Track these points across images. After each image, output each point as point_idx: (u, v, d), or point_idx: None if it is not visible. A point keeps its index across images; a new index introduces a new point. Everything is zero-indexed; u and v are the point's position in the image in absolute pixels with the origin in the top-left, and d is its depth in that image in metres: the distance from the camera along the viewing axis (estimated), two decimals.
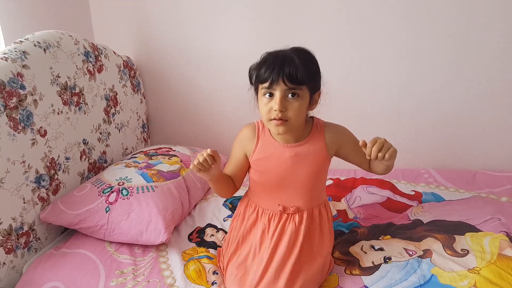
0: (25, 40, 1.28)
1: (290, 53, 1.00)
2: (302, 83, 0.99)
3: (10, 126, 1.17)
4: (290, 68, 0.97)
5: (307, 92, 1.01)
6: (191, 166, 1.02)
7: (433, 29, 1.56)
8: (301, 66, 0.97)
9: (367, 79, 1.68)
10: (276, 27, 1.68)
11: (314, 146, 1.10)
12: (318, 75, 1.04)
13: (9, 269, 1.18)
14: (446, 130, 1.67)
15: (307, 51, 1.04)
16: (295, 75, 0.97)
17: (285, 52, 1.01)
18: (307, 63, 1.00)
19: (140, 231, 1.22)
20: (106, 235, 1.25)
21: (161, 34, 1.82)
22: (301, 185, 1.12)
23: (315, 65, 1.03)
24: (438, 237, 1.22)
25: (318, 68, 1.04)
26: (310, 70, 1.00)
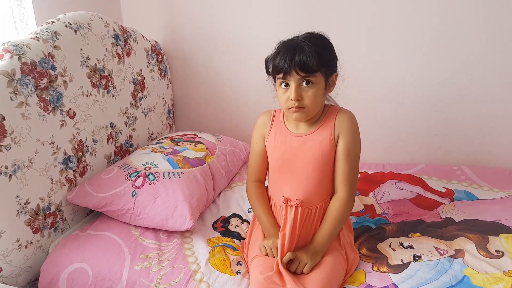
0: (56, 21, 1.28)
1: (301, 41, 1.01)
2: (315, 71, 1.00)
3: (40, 107, 1.18)
4: (301, 57, 0.99)
5: (321, 78, 1.03)
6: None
7: (472, 20, 1.49)
8: (312, 54, 0.99)
9: (402, 71, 1.62)
10: (305, 14, 1.64)
11: (322, 133, 1.09)
12: (332, 59, 1.05)
13: (36, 248, 1.20)
14: (482, 126, 1.61)
15: (320, 36, 1.04)
16: (305, 64, 0.99)
17: (297, 41, 1.02)
18: (318, 49, 1.00)
19: (166, 217, 1.22)
20: (132, 219, 1.25)
21: (190, 19, 1.80)
22: (305, 177, 1.09)
23: (327, 49, 1.04)
24: (470, 237, 1.18)
25: (331, 52, 1.05)
26: (321, 56, 1.01)
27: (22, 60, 1.13)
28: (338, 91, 1.81)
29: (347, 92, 1.72)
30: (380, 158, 1.73)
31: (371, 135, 1.73)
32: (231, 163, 1.54)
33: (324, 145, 1.08)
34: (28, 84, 1.14)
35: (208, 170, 1.41)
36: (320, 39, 1.04)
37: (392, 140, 1.72)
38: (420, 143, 1.69)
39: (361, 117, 1.72)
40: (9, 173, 1.10)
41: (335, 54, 1.06)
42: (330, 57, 1.05)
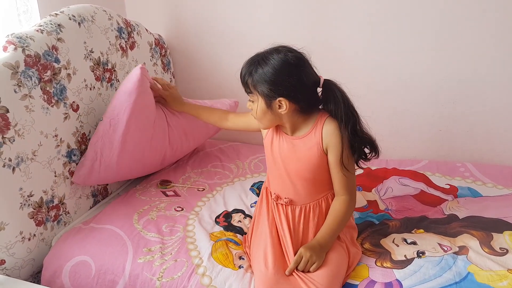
0: (60, 13, 1.28)
1: (255, 60, 1.03)
2: (250, 91, 1.05)
3: (44, 99, 1.18)
4: (244, 75, 1.04)
5: (261, 99, 1.04)
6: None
7: (477, 16, 1.48)
8: (248, 74, 1.03)
9: (406, 67, 1.61)
10: (310, 8, 1.63)
11: (310, 141, 1.08)
12: (271, 85, 1.00)
13: (39, 241, 1.20)
14: (486, 123, 1.60)
15: (270, 57, 1.01)
16: (244, 82, 1.05)
17: (256, 57, 1.04)
18: (259, 70, 1.01)
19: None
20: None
21: (194, 13, 1.79)
22: (293, 178, 1.10)
23: (274, 74, 1.00)
24: (474, 233, 1.17)
25: (272, 76, 1.00)
26: (257, 79, 1.02)
27: (26, 53, 1.13)
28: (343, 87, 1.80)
29: (350, 88, 1.72)
30: (383, 154, 1.70)
31: (374, 130, 1.71)
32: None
33: (312, 152, 1.07)
34: (32, 77, 1.14)
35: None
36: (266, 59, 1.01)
37: (395, 136, 1.71)
38: (423, 139, 1.68)
39: (365, 112, 1.72)
40: (13, 166, 1.10)
41: (282, 81, 1.00)
42: (272, 82, 1.00)
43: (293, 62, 1.00)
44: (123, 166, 1.34)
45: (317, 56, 1.71)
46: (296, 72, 1.00)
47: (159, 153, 1.44)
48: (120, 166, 1.32)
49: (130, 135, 1.29)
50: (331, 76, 1.79)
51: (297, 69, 1.01)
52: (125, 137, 1.28)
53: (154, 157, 1.43)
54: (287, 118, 1.06)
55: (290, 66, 1.00)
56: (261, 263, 1.04)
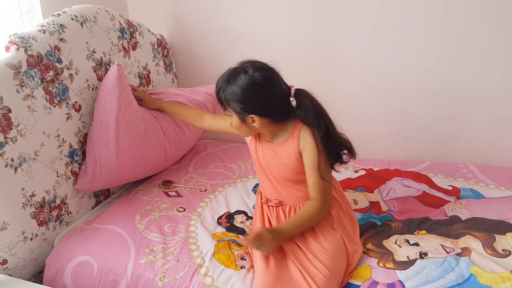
0: (62, 14, 1.28)
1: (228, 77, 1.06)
2: (224, 108, 1.10)
3: (46, 99, 1.18)
4: (218, 92, 1.08)
5: (234, 114, 1.08)
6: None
7: (480, 17, 1.47)
8: (224, 92, 1.06)
9: (408, 68, 1.61)
10: (312, 8, 1.63)
11: (288, 147, 1.11)
12: (242, 104, 1.05)
13: (41, 241, 1.20)
14: (489, 124, 1.59)
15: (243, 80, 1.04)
16: (218, 98, 1.10)
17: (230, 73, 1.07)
18: (234, 91, 1.04)
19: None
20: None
21: (196, 13, 1.79)
22: (278, 182, 1.14)
23: (243, 94, 1.04)
24: (477, 235, 1.17)
25: (246, 97, 1.04)
26: (229, 99, 1.06)
27: (29, 53, 1.13)
28: (344, 87, 1.81)
29: (352, 89, 1.73)
30: (386, 155, 1.72)
31: (377, 131, 1.72)
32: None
33: (291, 158, 1.10)
34: (34, 77, 1.14)
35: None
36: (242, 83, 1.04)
37: (397, 137, 1.71)
38: (426, 140, 1.68)
39: (367, 113, 1.73)
40: (15, 166, 1.10)
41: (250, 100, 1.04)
42: (241, 102, 1.05)
43: (260, 82, 1.04)
44: (124, 167, 1.34)
45: (318, 56, 1.72)
46: (263, 91, 1.05)
47: (158, 149, 1.44)
48: (121, 167, 1.32)
49: (122, 132, 1.29)
50: (333, 76, 1.80)
51: (264, 88, 1.05)
52: (118, 136, 1.28)
53: (154, 153, 1.43)
54: (263, 129, 1.10)
55: (257, 86, 1.04)
56: (262, 261, 1.04)
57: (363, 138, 1.74)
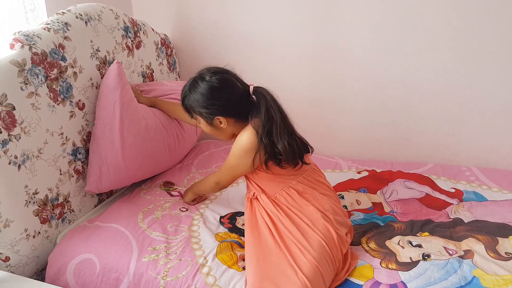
0: (67, 12, 1.28)
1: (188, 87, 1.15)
2: (191, 115, 1.18)
3: (50, 97, 1.18)
4: (182, 100, 1.17)
5: (201, 119, 1.17)
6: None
7: (483, 19, 1.47)
8: (188, 101, 1.15)
9: (412, 70, 1.61)
10: (316, 10, 1.63)
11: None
12: (205, 109, 1.13)
13: (43, 238, 1.20)
14: (492, 127, 1.59)
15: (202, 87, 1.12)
16: (183, 106, 1.18)
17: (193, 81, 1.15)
18: (197, 98, 1.13)
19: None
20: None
21: (200, 13, 1.79)
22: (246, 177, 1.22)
23: (204, 99, 1.12)
24: (480, 238, 1.17)
25: (208, 102, 1.12)
26: (195, 105, 1.14)
27: (33, 50, 1.13)
28: (348, 89, 1.80)
29: (356, 90, 1.73)
30: (389, 156, 1.72)
31: (380, 133, 1.72)
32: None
33: None
34: (39, 75, 1.14)
35: None
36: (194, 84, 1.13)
37: (400, 139, 1.71)
38: (429, 142, 1.68)
39: (370, 115, 1.73)
40: (18, 163, 1.10)
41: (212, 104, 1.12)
42: (204, 107, 1.13)
43: (217, 86, 1.12)
44: (131, 164, 1.33)
45: (321, 57, 1.72)
46: (222, 94, 1.13)
47: (162, 143, 1.44)
48: (128, 164, 1.32)
49: (126, 129, 1.29)
50: (336, 77, 1.79)
51: (222, 91, 1.13)
52: (122, 133, 1.28)
53: (158, 148, 1.43)
54: (233, 128, 1.17)
55: (215, 90, 1.12)
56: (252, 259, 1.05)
57: (366, 140, 1.74)
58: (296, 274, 0.99)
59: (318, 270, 1.00)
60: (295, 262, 1.02)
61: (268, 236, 1.09)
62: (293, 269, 1.00)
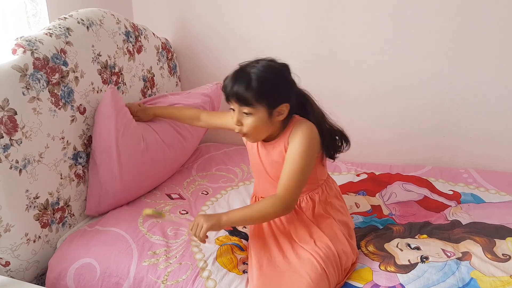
0: (69, 17, 1.29)
1: (246, 71, 1.02)
2: (251, 105, 1.01)
3: (51, 102, 1.19)
4: (239, 89, 1.00)
5: (262, 109, 1.02)
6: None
7: (480, 22, 1.49)
8: (252, 88, 0.99)
9: (410, 73, 1.62)
10: (316, 12, 1.64)
11: (279, 145, 1.09)
12: (277, 93, 1.03)
13: (44, 243, 1.21)
14: (489, 129, 1.61)
15: (267, 67, 1.03)
16: (243, 97, 1.01)
17: (245, 70, 1.03)
18: (261, 83, 1.00)
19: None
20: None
21: (200, 17, 1.81)
22: (271, 180, 1.12)
23: (272, 84, 1.02)
24: (477, 239, 1.18)
25: (276, 87, 1.03)
26: (261, 91, 1.00)
27: (35, 56, 1.14)
28: (347, 91, 1.81)
29: (355, 93, 1.74)
30: (387, 159, 1.73)
31: (378, 136, 1.73)
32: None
33: (282, 156, 1.09)
34: (40, 80, 1.15)
35: None
36: (264, 71, 1.02)
37: (399, 142, 1.72)
38: (427, 145, 1.69)
39: (369, 118, 1.74)
40: (20, 168, 1.11)
41: (284, 87, 1.04)
42: (275, 91, 1.03)
43: (283, 69, 1.06)
44: (129, 186, 1.35)
45: (320, 61, 1.74)
46: (291, 78, 1.07)
47: (162, 161, 1.45)
48: (126, 187, 1.34)
49: (123, 155, 1.30)
50: (335, 80, 1.81)
51: (290, 75, 1.07)
52: (120, 159, 1.29)
53: (157, 166, 1.44)
54: (281, 123, 1.08)
55: (287, 73, 1.06)
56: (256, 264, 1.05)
57: (365, 143, 1.75)
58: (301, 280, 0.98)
59: (325, 275, 1.00)
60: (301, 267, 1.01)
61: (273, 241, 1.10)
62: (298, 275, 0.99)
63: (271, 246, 1.10)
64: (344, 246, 1.08)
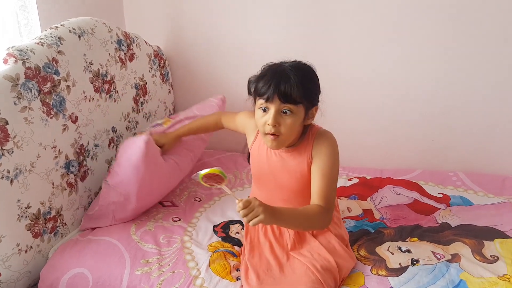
0: (60, 26, 1.29)
1: (288, 70, 1.00)
2: (297, 102, 1.00)
3: (43, 111, 1.19)
4: (286, 87, 0.98)
5: (302, 109, 1.03)
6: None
7: (467, 28, 1.53)
8: (297, 85, 0.98)
9: (399, 79, 1.65)
10: (307, 20, 1.67)
11: (300, 155, 1.09)
12: (315, 93, 1.05)
13: (35, 253, 1.20)
14: (477, 133, 1.64)
15: (307, 68, 1.04)
16: (289, 94, 0.98)
17: (284, 68, 1.01)
18: (304, 81, 1.00)
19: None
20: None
21: (192, 25, 1.82)
22: (284, 191, 1.12)
23: (312, 83, 1.04)
24: (466, 241, 1.20)
25: (315, 86, 1.05)
26: (306, 89, 1.00)
27: (26, 65, 1.14)
28: (338, 97, 1.83)
29: (345, 99, 1.76)
30: (378, 163, 1.75)
31: (369, 140, 1.76)
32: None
33: (302, 166, 1.08)
34: (32, 89, 1.15)
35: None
36: (307, 71, 1.03)
37: (389, 146, 1.75)
38: (417, 149, 1.72)
39: (360, 123, 1.77)
40: (11, 177, 1.10)
41: (319, 87, 1.06)
42: (314, 91, 1.04)
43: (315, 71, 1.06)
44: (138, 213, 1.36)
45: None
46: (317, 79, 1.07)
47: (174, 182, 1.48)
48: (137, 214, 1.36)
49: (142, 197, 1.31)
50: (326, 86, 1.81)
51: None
52: (138, 200, 1.29)
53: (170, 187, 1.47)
54: (301, 130, 1.07)
55: (316, 74, 1.06)
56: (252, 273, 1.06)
57: (357, 147, 1.77)
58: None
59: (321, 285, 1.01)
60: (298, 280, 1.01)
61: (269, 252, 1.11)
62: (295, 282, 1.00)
63: (268, 256, 1.11)
64: (343, 258, 1.09)
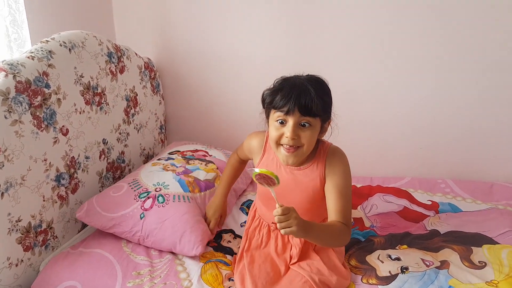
0: (51, 40, 1.30)
1: (306, 83, 1.02)
2: (315, 115, 1.01)
3: (33, 124, 1.19)
4: (306, 100, 0.99)
5: (318, 122, 1.04)
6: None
7: (452, 38, 1.56)
8: (317, 99, 1.00)
9: (387, 88, 1.68)
10: (297, 35, 1.69)
11: (312, 172, 1.10)
12: (330, 106, 1.07)
13: (26, 266, 1.19)
14: (464, 140, 1.67)
15: (322, 82, 1.06)
16: (310, 107, 1.00)
17: (301, 81, 1.03)
18: (322, 94, 1.02)
19: (174, 242, 1.22)
20: (141, 240, 1.26)
21: (182, 36, 1.84)
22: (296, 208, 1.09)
23: (328, 96, 1.06)
24: (455, 248, 1.22)
25: (330, 99, 1.07)
26: (324, 102, 1.02)
27: (17, 79, 1.14)
28: None
29: (334, 107, 1.78)
30: (368, 171, 1.77)
31: (359, 149, 1.77)
32: (239, 180, 1.53)
33: (314, 184, 1.09)
34: (22, 102, 1.15)
35: None
36: (323, 84, 1.05)
37: (379, 154, 1.77)
38: (406, 157, 1.74)
39: (350, 131, 1.78)
40: (1, 191, 1.10)
41: (331, 101, 1.07)
42: (329, 104, 1.06)
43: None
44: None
45: None
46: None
47: None
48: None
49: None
50: None
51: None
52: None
53: None
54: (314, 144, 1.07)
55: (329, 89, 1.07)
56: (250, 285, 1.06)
57: (347, 156, 1.79)
58: None
59: None
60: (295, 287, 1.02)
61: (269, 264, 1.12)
62: None
63: (268, 267, 1.11)
64: (341, 276, 1.10)
